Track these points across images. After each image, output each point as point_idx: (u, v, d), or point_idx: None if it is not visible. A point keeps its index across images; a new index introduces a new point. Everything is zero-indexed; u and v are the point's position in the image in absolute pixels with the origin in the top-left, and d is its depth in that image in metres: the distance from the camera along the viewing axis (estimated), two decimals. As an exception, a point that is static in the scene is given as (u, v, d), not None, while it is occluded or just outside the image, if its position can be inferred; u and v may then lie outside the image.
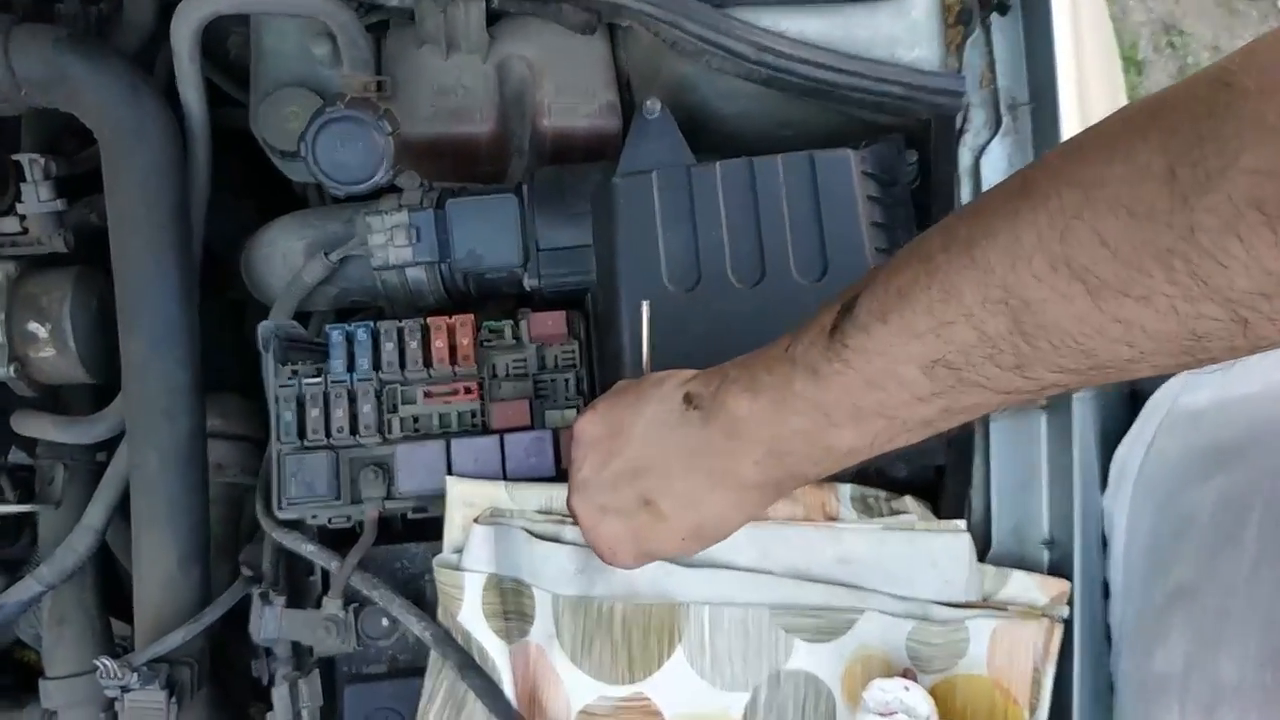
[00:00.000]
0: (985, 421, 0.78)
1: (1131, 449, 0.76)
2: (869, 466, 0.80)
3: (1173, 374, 0.43)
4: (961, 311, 0.43)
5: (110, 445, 0.87)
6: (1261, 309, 0.36)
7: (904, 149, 0.81)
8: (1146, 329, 0.39)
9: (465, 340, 0.77)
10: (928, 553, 0.73)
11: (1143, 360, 0.40)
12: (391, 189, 0.82)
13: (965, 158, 0.80)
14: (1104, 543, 0.78)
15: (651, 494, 0.59)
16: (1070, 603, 0.75)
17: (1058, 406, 0.78)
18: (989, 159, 0.79)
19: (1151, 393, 0.77)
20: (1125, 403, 0.81)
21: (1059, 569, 0.76)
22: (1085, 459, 0.77)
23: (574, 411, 0.78)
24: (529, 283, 0.80)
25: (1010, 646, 0.72)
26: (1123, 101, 0.88)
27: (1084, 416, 0.77)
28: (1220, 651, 0.63)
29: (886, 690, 0.65)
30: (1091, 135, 0.41)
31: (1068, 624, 0.75)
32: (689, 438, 0.57)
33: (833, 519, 0.75)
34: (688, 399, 0.57)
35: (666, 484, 0.58)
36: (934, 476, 0.81)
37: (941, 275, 0.43)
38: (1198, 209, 0.35)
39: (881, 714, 0.65)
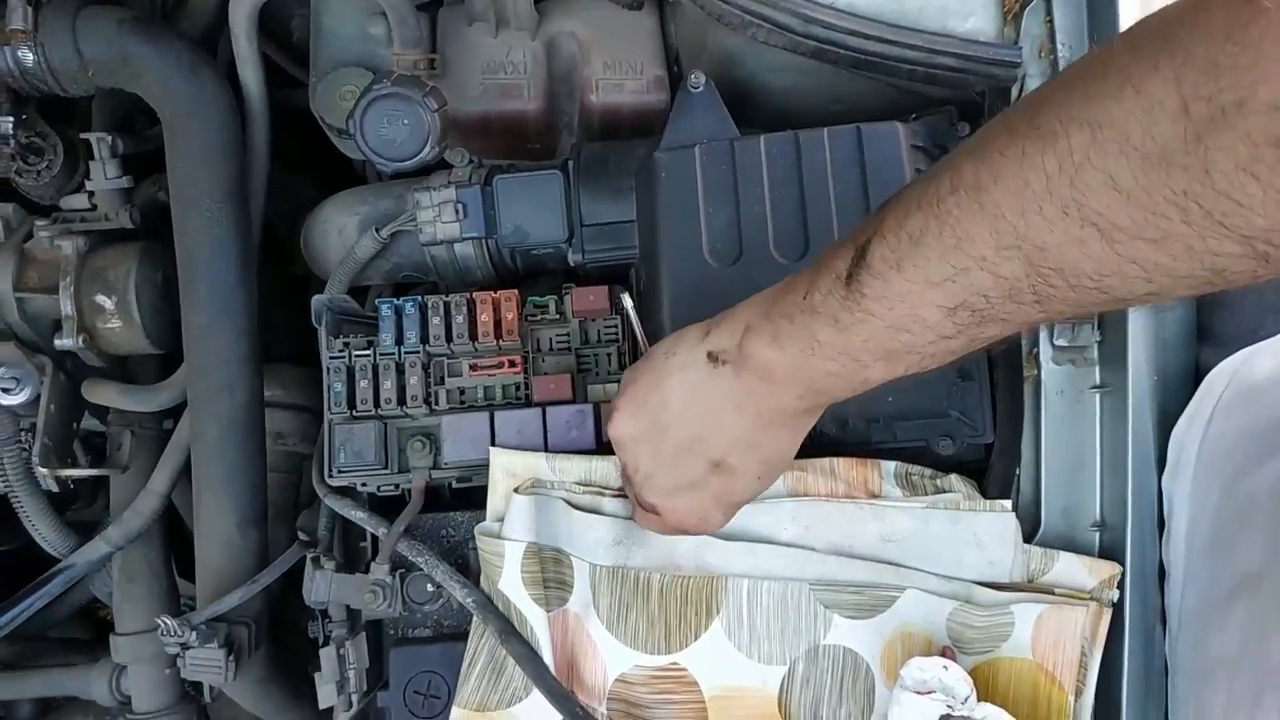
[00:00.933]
0: (1036, 401, 0.77)
1: (1190, 429, 0.73)
2: (915, 444, 0.79)
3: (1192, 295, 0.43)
4: (976, 258, 0.43)
5: (177, 413, 0.91)
6: None
7: (956, 120, 0.79)
8: (1164, 268, 0.38)
9: (510, 315, 0.78)
10: (972, 532, 0.72)
11: (1162, 293, 0.40)
12: (442, 165, 0.83)
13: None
14: (1161, 525, 0.76)
15: (715, 454, 0.60)
16: (1121, 586, 0.73)
17: (1114, 387, 0.76)
18: (1045, 132, 0.77)
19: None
20: (1186, 382, 0.78)
21: (1110, 552, 0.75)
22: (1141, 440, 0.75)
23: (615, 386, 0.78)
24: (573, 258, 0.81)
25: (1057, 631, 0.71)
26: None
27: (1141, 397, 0.75)
28: (1274, 637, 0.62)
29: (925, 669, 0.65)
30: (1099, 64, 0.39)
31: (1118, 607, 0.73)
32: (727, 391, 0.57)
33: (876, 496, 0.74)
34: (711, 357, 0.57)
35: (723, 439, 0.59)
36: (982, 455, 0.80)
37: (953, 221, 0.43)
38: (1212, 148, 0.34)
39: (919, 692, 0.64)
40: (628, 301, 0.71)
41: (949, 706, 0.63)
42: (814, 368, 0.52)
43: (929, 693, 0.64)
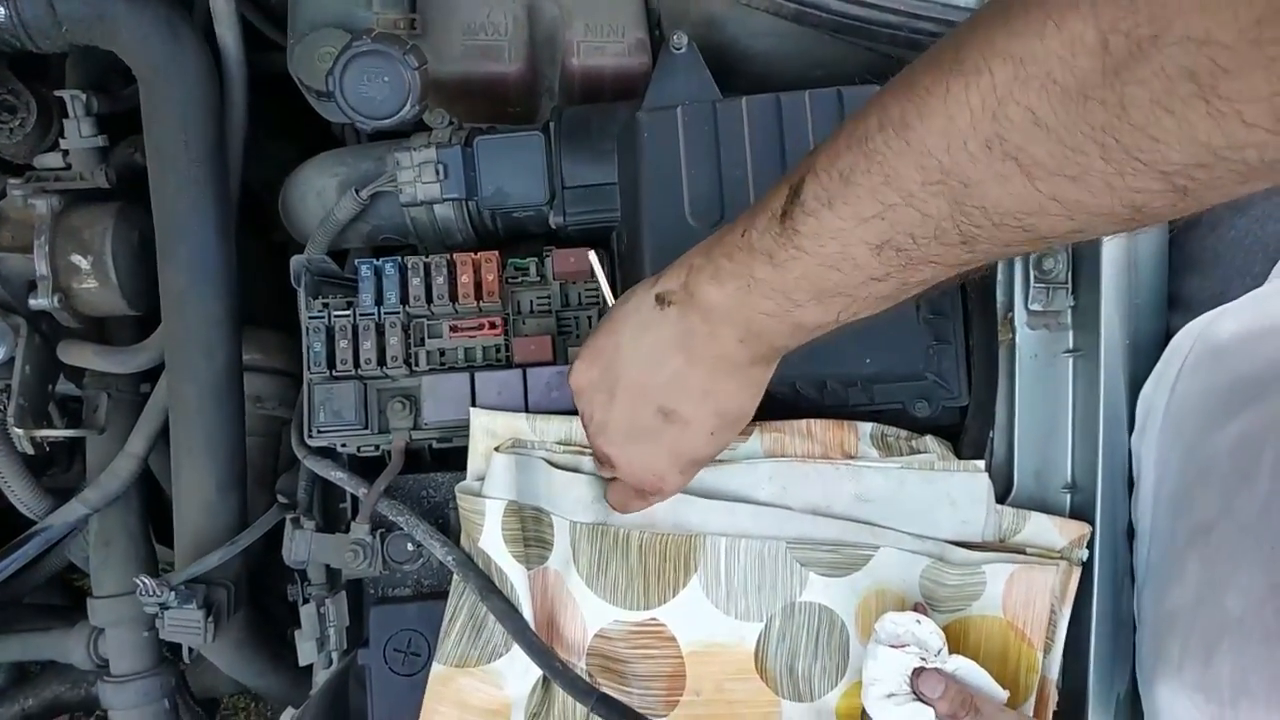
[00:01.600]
0: (1011, 365, 0.78)
1: (1157, 389, 0.75)
2: (892, 406, 0.80)
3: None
4: (904, 194, 0.43)
5: (153, 376, 0.90)
6: (1200, 178, 0.35)
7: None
8: (1084, 205, 0.38)
9: (490, 276, 0.78)
10: (946, 492, 0.73)
11: (1085, 231, 0.40)
12: (421, 128, 0.83)
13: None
14: (1131, 485, 0.77)
15: (666, 402, 0.60)
16: (1090, 546, 0.74)
17: (1087, 351, 0.77)
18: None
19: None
20: (1158, 347, 0.79)
21: (1080, 513, 0.76)
22: (1112, 403, 0.76)
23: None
24: (554, 220, 0.81)
25: (1027, 589, 0.72)
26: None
27: (1113, 361, 0.76)
28: (1228, 587, 0.63)
29: (898, 623, 0.66)
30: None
31: (1087, 566, 0.74)
32: (673, 333, 0.57)
33: (852, 457, 0.75)
34: (659, 299, 0.58)
35: (674, 386, 0.59)
36: (957, 418, 0.81)
37: (880, 159, 0.43)
38: (1129, 82, 0.34)
39: (893, 645, 0.65)
40: (593, 256, 0.72)
41: (922, 659, 0.65)
42: (751, 305, 0.53)
43: (903, 646, 0.65)
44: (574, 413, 0.75)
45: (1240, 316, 0.72)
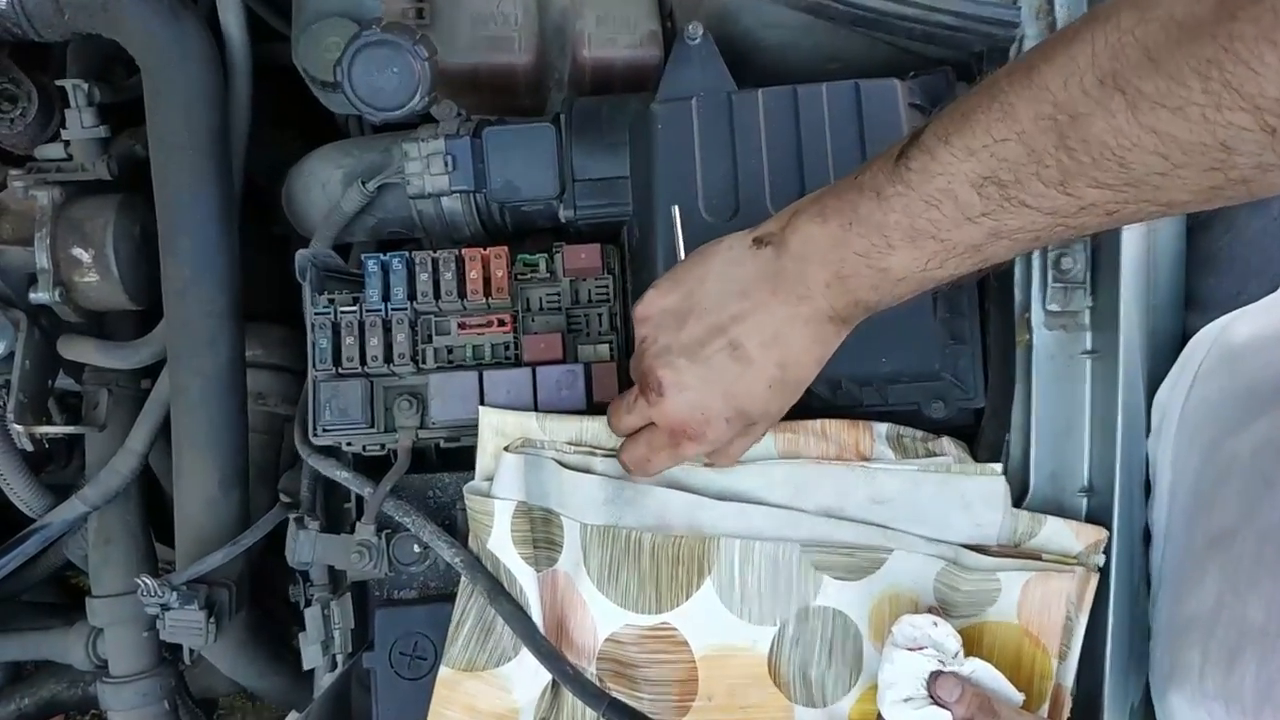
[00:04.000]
0: (1027, 366, 0.77)
1: (1172, 393, 0.74)
2: (907, 407, 0.79)
3: (1205, 206, 0.45)
4: (1015, 129, 0.46)
5: (153, 372, 0.89)
6: None
7: (953, 80, 0.78)
8: (1179, 139, 0.41)
9: (500, 272, 0.76)
10: (961, 495, 0.72)
11: (1174, 174, 0.43)
12: (429, 119, 0.81)
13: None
14: (1148, 488, 0.76)
15: (737, 336, 0.60)
16: (1107, 551, 0.73)
17: (1105, 352, 0.76)
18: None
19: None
20: (1175, 348, 0.78)
21: (1097, 517, 0.75)
22: (1131, 405, 0.75)
23: (606, 347, 0.77)
24: (564, 214, 0.79)
25: (1043, 597, 0.71)
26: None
27: (1131, 362, 0.75)
28: (1250, 594, 0.62)
29: (916, 626, 0.65)
30: None
31: (1104, 572, 0.73)
32: (763, 270, 0.59)
33: (867, 459, 0.74)
34: (757, 241, 0.60)
35: (749, 322, 0.59)
36: (972, 419, 0.80)
37: (1002, 97, 0.47)
38: (1240, 18, 0.38)
39: (909, 649, 0.64)
40: (675, 212, 0.70)
41: (940, 662, 0.64)
42: (847, 245, 0.54)
43: (919, 649, 0.64)
44: (584, 412, 0.74)
45: (1257, 320, 0.72)
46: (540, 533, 0.71)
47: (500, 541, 0.70)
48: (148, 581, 0.76)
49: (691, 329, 0.61)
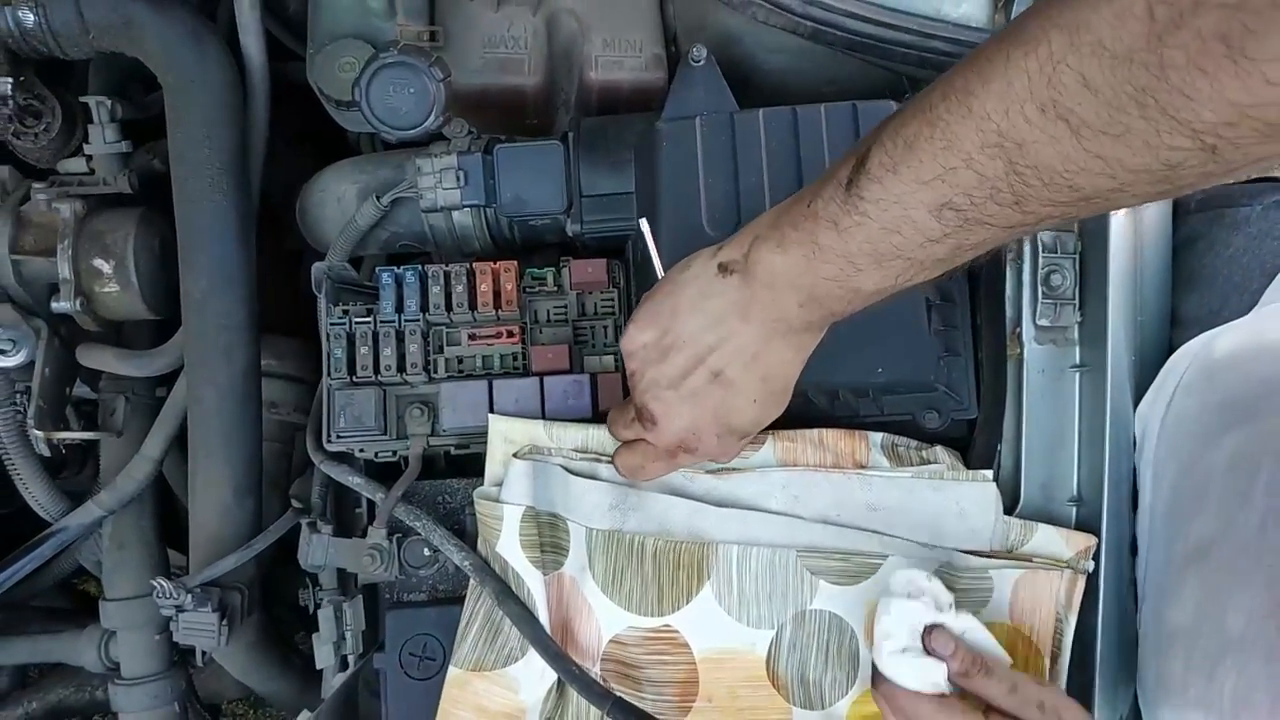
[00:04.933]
0: (1019, 379, 0.79)
1: (1153, 408, 0.76)
2: (901, 418, 0.81)
3: (1153, 201, 0.47)
4: (962, 158, 0.46)
5: (168, 381, 0.91)
6: (1227, 136, 0.38)
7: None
8: (1124, 163, 0.42)
9: (509, 285, 0.79)
10: (955, 502, 0.75)
11: (1124, 190, 0.43)
12: (440, 137, 0.84)
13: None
14: (1135, 500, 0.78)
15: (717, 364, 0.62)
16: (1096, 558, 0.75)
17: (1093, 366, 0.79)
18: (1032, 118, 0.79)
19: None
20: (1162, 363, 0.81)
21: (1086, 527, 0.77)
22: (1119, 418, 0.77)
23: (611, 358, 0.80)
24: (571, 228, 0.82)
25: (1033, 595, 0.73)
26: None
27: (1119, 377, 0.78)
28: (1228, 605, 0.64)
29: (911, 579, 0.66)
30: None
31: (1093, 578, 0.75)
32: (734, 299, 0.60)
33: (863, 467, 0.76)
34: (722, 268, 0.61)
35: (727, 349, 0.61)
36: (965, 430, 0.82)
37: (943, 125, 0.46)
38: (1170, 45, 0.37)
39: (909, 595, 0.65)
40: (644, 224, 0.72)
41: (937, 609, 0.64)
42: (814, 272, 0.55)
43: (919, 596, 0.65)
44: (590, 420, 0.76)
45: (1236, 336, 0.74)
46: (547, 537, 0.73)
47: (508, 545, 0.72)
48: (163, 584, 0.78)
49: (673, 362, 0.63)
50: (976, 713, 0.62)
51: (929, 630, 0.63)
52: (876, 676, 0.65)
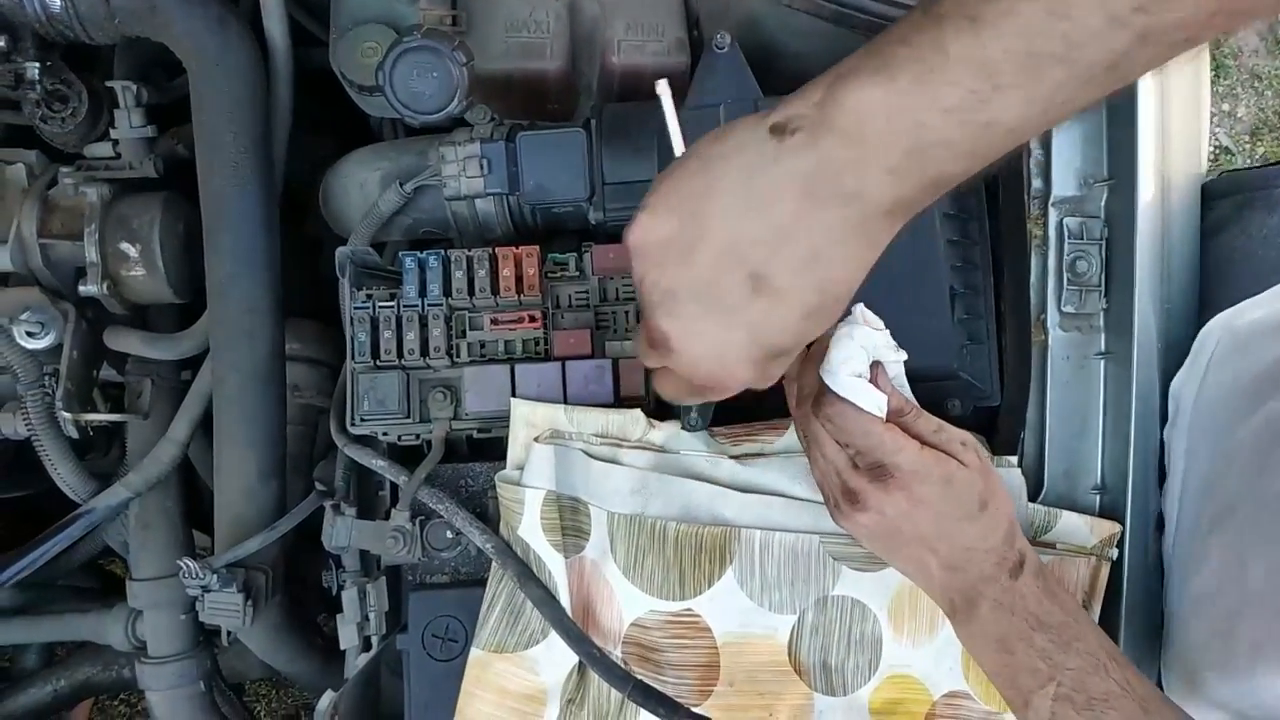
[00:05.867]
0: (1043, 366, 0.79)
1: (1186, 381, 0.76)
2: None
3: None
4: None
5: (193, 365, 0.92)
6: None
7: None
8: None
9: (531, 270, 0.79)
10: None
11: None
12: (462, 123, 0.84)
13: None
14: (1161, 479, 0.78)
15: (760, 265, 0.47)
16: (1120, 545, 0.75)
17: (1118, 353, 0.78)
18: (1059, 102, 0.79)
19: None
20: (1188, 351, 0.80)
21: (1109, 514, 0.77)
22: (1144, 406, 0.77)
23: (634, 343, 0.80)
24: (594, 216, 0.82)
25: (1057, 582, 0.73)
26: (1205, 68, 0.84)
27: (1145, 364, 0.77)
28: (1249, 562, 0.64)
29: (867, 315, 0.64)
30: None
31: (1117, 565, 0.75)
32: (794, 169, 0.45)
33: (885, 454, 0.76)
34: (776, 129, 0.46)
35: (776, 244, 0.46)
36: (988, 418, 0.82)
37: None
38: None
39: (872, 327, 0.64)
40: (663, 86, 0.58)
41: (892, 347, 0.65)
42: (928, 102, 0.41)
43: (875, 329, 0.64)
44: (611, 405, 0.76)
45: (1265, 307, 0.73)
46: (568, 521, 0.74)
47: (530, 528, 0.72)
48: (190, 564, 0.79)
49: (700, 265, 0.48)
50: (912, 439, 0.63)
51: (876, 366, 0.64)
52: (824, 397, 0.63)
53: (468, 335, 0.80)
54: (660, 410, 0.77)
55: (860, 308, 0.64)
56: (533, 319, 0.79)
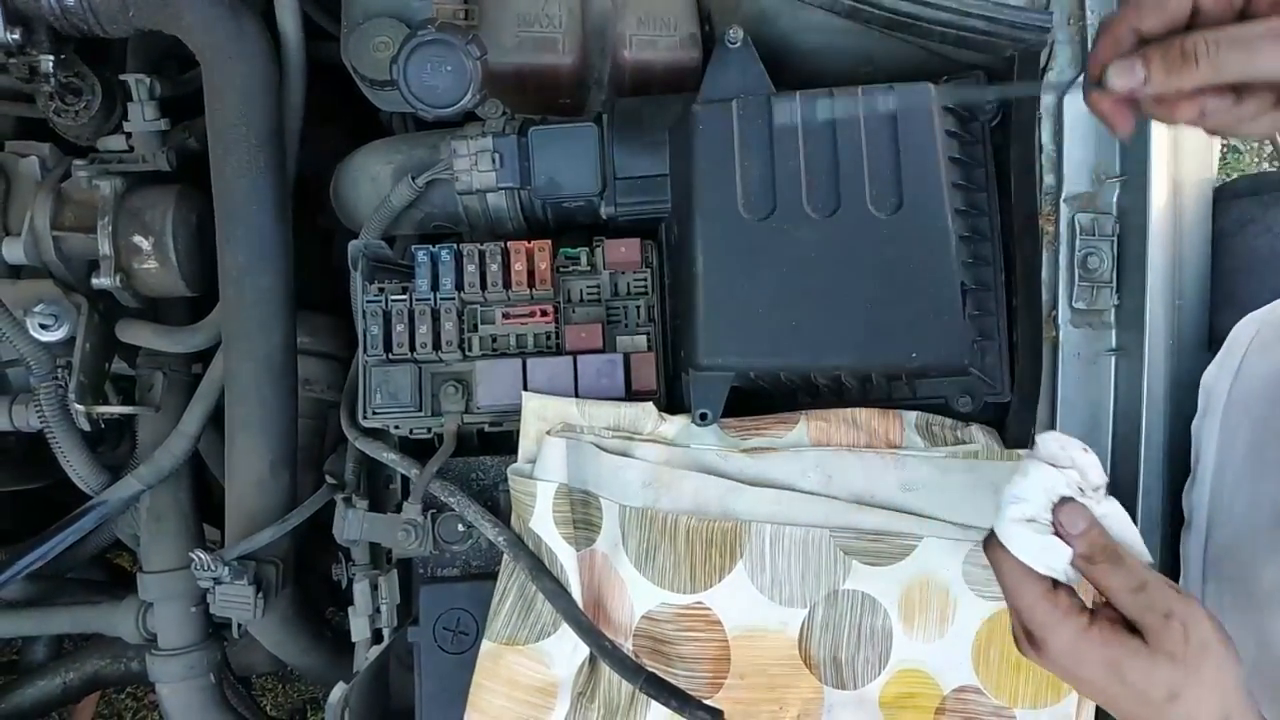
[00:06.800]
0: (1054, 362, 0.79)
1: (1220, 374, 0.76)
2: (934, 401, 0.81)
3: None
4: None
5: (204, 358, 0.92)
6: None
7: (985, 84, 0.80)
8: None
9: (543, 265, 0.79)
10: (990, 482, 0.74)
11: None
12: (474, 117, 0.84)
13: (1047, 97, 0.80)
14: (1183, 475, 0.78)
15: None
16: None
17: (1130, 350, 0.78)
18: (1072, 99, 0.79)
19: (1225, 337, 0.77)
20: (1200, 348, 0.80)
21: (1121, 510, 0.77)
22: (1155, 402, 0.77)
23: (644, 337, 0.80)
24: (605, 210, 0.82)
25: None
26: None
27: (1156, 361, 0.77)
28: None
29: (1064, 445, 0.57)
30: None
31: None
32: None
33: (897, 447, 0.76)
34: None
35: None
36: (998, 413, 0.82)
37: None
38: None
39: (1052, 464, 0.57)
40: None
41: (1080, 489, 0.57)
42: None
43: (1063, 468, 0.57)
44: (623, 399, 0.76)
45: None
46: (580, 514, 0.74)
47: (542, 521, 0.72)
48: (201, 556, 0.79)
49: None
50: (1081, 615, 0.56)
51: (1062, 503, 0.56)
52: (992, 539, 0.58)
53: (479, 329, 0.80)
54: (671, 404, 0.77)
55: (1046, 437, 0.57)
56: (544, 313, 0.80)
